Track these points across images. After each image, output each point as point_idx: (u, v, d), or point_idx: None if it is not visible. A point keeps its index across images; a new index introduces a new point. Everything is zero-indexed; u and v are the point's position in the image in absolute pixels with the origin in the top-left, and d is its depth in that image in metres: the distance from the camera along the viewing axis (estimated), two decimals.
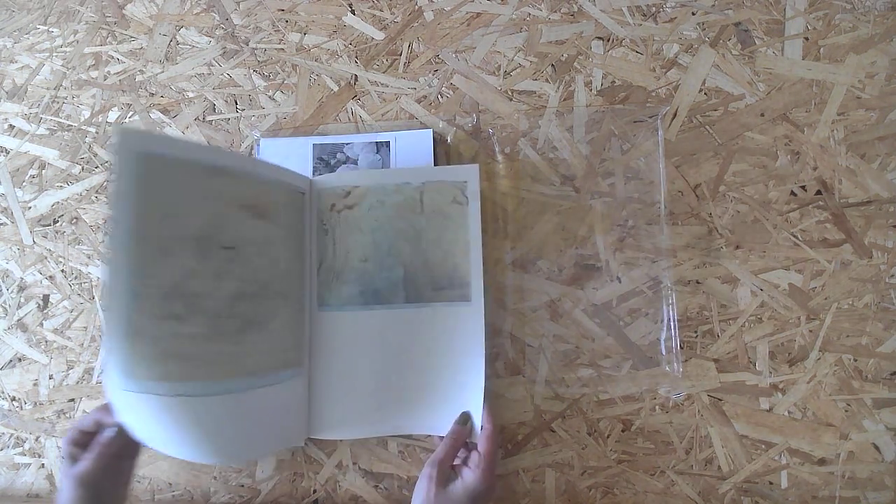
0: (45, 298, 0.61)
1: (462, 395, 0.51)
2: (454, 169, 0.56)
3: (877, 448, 0.52)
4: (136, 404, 0.43)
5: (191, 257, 0.43)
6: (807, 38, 0.59)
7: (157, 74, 0.64)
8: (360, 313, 0.53)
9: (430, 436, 0.54)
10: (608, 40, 0.60)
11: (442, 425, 0.51)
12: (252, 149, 0.61)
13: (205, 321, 0.44)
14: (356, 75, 0.62)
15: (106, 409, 0.46)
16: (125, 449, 0.47)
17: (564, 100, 0.59)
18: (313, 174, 0.59)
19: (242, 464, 0.55)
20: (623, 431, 0.54)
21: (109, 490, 0.47)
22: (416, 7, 0.63)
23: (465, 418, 0.50)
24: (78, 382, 0.59)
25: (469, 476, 0.47)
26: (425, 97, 0.61)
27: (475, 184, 0.54)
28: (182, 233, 0.43)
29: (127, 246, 0.41)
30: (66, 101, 0.65)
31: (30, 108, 0.65)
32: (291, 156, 0.59)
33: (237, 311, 0.46)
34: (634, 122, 0.58)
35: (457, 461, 0.49)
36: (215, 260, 0.44)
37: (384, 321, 0.53)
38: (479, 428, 0.50)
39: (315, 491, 0.55)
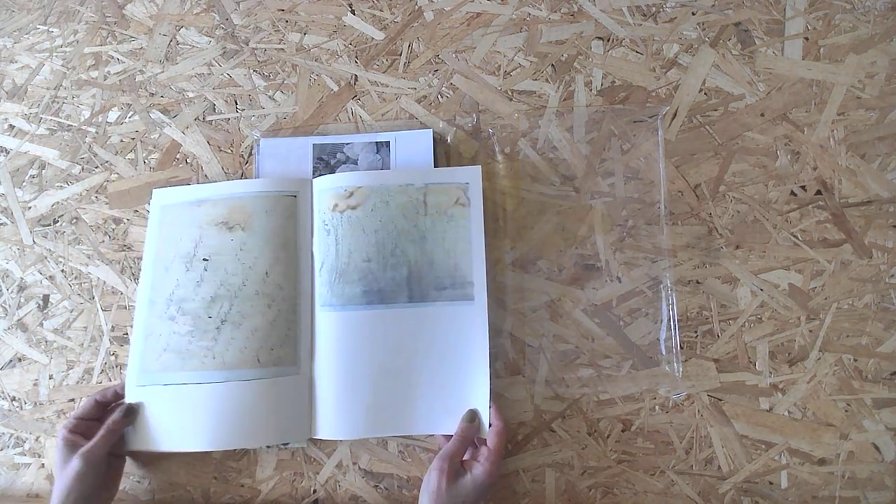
0: (45, 298, 0.61)
1: (467, 392, 0.52)
2: (456, 170, 0.56)
3: (877, 448, 0.52)
4: (146, 399, 0.53)
5: (180, 270, 0.55)
6: (807, 38, 0.59)
7: (157, 74, 0.64)
8: (364, 313, 0.53)
9: (430, 435, 0.54)
10: (608, 40, 0.60)
11: (448, 424, 0.51)
12: (252, 149, 0.61)
13: (189, 321, 0.54)
14: (356, 75, 0.62)
15: (103, 393, 0.53)
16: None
17: (564, 100, 0.59)
18: (313, 174, 0.59)
19: (231, 447, 0.54)
20: (623, 431, 0.54)
21: (108, 470, 0.51)
22: (416, 7, 0.63)
23: (473, 415, 0.51)
24: (78, 382, 0.59)
25: (478, 470, 0.48)
26: (425, 97, 0.61)
27: (477, 185, 0.55)
28: (175, 253, 0.56)
29: (150, 268, 0.56)
30: (66, 101, 0.65)
31: (30, 108, 0.65)
32: (291, 156, 0.59)
33: (213, 312, 0.54)
34: (634, 122, 0.58)
35: (465, 457, 0.50)
36: (196, 270, 0.55)
37: (388, 320, 0.53)
38: (487, 425, 0.50)
39: (315, 491, 0.55)
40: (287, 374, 0.53)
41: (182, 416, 0.52)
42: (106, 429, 0.50)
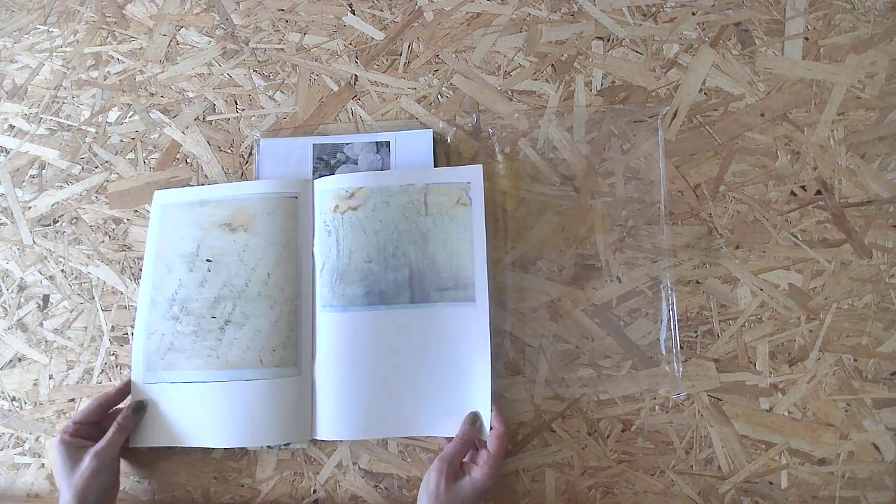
0: (45, 298, 0.61)
1: (469, 395, 0.52)
2: (457, 170, 0.56)
3: (877, 448, 0.52)
4: (152, 396, 0.54)
5: (182, 271, 0.56)
6: (807, 38, 0.59)
7: (157, 74, 0.64)
8: (365, 314, 0.53)
9: (430, 436, 0.54)
10: (608, 40, 0.60)
11: (449, 426, 0.51)
12: (252, 149, 0.61)
13: (193, 321, 0.55)
14: (356, 75, 0.62)
15: (106, 395, 0.53)
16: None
17: (564, 100, 0.59)
18: (313, 174, 0.59)
19: (232, 445, 0.54)
20: (623, 431, 0.54)
21: (113, 466, 0.51)
22: (416, 7, 0.63)
23: (474, 418, 0.51)
24: (78, 382, 0.59)
25: (477, 474, 0.48)
26: (425, 97, 0.61)
27: (479, 185, 0.54)
28: (178, 252, 0.56)
29: (151, 267, 0.56)
30: (66, 101, 0.65)
31: (30, 108, 0.65)
32: (291, 156, 0.59)
33: (217, 313, 0.54)
34: (634, 122, 0.58)
35: (465, 459, 0.50)
36: (199, 271, 0.56)
37: (389, 322, 0.53)
38: (488, 427, 0.50)
39: (315, 491, 0.55)
40: (288, 374, 0.53)
41: (188, 413, 0.53)
42: (117, 426, 0.51)
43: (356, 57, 0.62)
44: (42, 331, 0.60)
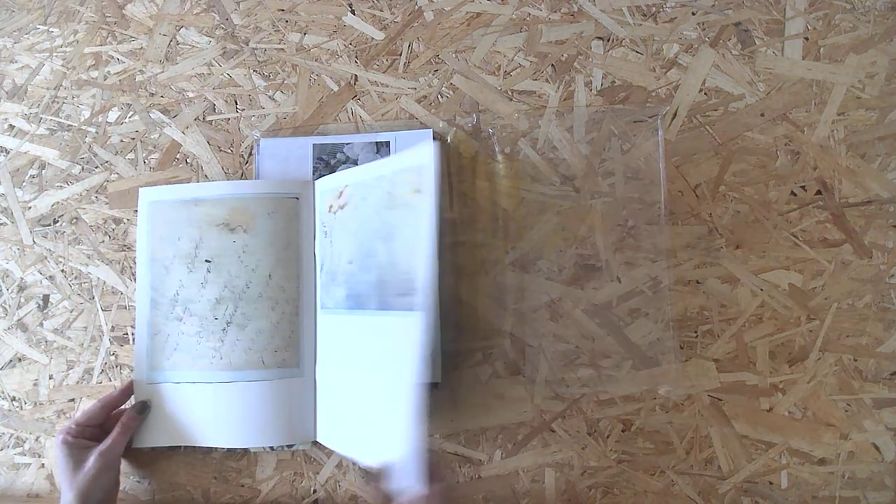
0: (45, 298, 0.61)
1: (395, 432, 0.42)
2: (410, 152, 0.47)
3: (877, 448, 0.52)
4: (157, 396, 0.54)
5: (182, 271, 0.55)
6: (807, 38, 0.59)
7: (157, 74, 0.64)
8: (344, 317, 0.52)
9: (431, 435, 0.54)
10: (608, 40, 0.60)
11: (373, 456, 0.43)
12: (252, 149, 0.61)
13: (196, 321, 0.55)
14: (356, 75, 0.62)
15: (110, 396, 0.53)
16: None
17: (564, 100, 0.59)
18: (313, 174, 0.59)
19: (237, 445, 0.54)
20: (623, 431, 0.54)
21: (115, 466, 0.52)
22: (416, 7, 0.63)
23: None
24: (78, 382, 0.59)
25: None
26: (425, 97, 0.61)
27: (430, 167, 0.44)
28: (175, 252, 0.56)
29: (146, 267, 0.56)
30: (66, 101, 0.65)
31: (30, 108, 0.65)
32: (291, 156, 0.59)
33: (219, 313, 0.54)
34: (634, 122, 0.58)
35: None
36: (199, 272, 0.55)
37: (358, 328, 0.50)
38: (417, 482, 0.40)
39: (315, 491, 0.55)
40: (290, 375, 0.53)
41: (191, 413, 0.53)
42: (122, 426, 0.52)
43: (356, 57, 0.62)
44: (42, 331, 0.60)
